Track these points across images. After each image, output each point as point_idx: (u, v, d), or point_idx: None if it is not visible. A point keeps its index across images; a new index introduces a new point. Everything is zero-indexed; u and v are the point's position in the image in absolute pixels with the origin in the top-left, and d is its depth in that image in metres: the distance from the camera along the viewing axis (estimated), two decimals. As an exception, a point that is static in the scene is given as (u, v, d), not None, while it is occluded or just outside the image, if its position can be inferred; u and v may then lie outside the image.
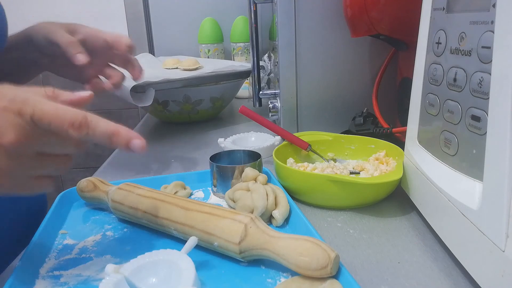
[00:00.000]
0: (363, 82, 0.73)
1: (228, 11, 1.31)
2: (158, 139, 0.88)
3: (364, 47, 0.71)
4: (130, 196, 0.48)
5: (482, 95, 0.33)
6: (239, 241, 0.38)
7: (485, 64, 0.32)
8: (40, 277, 0.39)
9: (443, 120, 0.39)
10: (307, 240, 0.36)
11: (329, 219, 0.49)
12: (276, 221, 0.46)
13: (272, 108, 0.75)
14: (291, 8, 0.68)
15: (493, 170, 0.31)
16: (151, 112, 0.97)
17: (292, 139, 0.62)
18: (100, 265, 0.41)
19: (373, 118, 0.67)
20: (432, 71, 0.42)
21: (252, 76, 0.78)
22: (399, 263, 0.40)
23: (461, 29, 0.36)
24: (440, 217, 0.40)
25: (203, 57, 1.25)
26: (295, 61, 0.70)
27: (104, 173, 0.69)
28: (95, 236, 0.47)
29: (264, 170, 0.58)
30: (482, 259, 0.32)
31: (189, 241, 0.39)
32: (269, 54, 0.99)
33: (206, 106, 0.92)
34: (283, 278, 0.38)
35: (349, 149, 0.63)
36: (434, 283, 0.36)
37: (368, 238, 0.44)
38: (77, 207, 0.54)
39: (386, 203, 0.52)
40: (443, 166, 0.40)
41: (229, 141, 0.72)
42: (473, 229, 0.33)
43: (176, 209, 0.44)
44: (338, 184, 0.48)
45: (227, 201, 0.51)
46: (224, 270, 0.39)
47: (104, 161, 0.76)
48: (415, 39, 0.45)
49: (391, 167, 0.54)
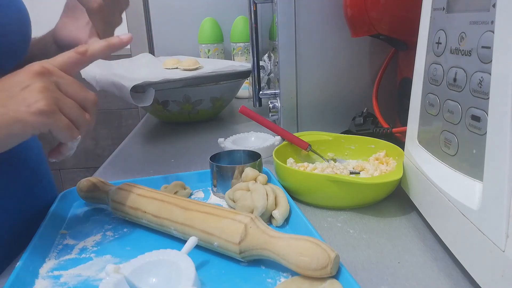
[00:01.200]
0: (363, 82, 0.73)
1: (228, 11, 1.31)
2: (158, 139, 0.88)
3: (364, 47, 0.71)
4: (130, 196, 0.48)
5: (482, 95, 0.33)
6: (239, 241, 0.38)
7: (485, 64, 0.32)
8: (40, 277, 0.39)
9: (443, 120, 0.39)
10: (307, 240, 0.36)
11: (329, 219, 0.49)
12: (276, 221, 0.46)
13: (272, 108, 0.75)
14: (291, 8, 0.68)
15: (493, 170, 0.31)
16: (151, 112, 0.97)
17: (292, 139, 0.62)
18: (100, 265, 0.41)
19: (373, 118, 0.67)
20: (432, 71, 0.42)
21: (252, 76, 0.78)
22: (399, 263, 0.40)
23: (461, 29, 0.36)
24: (440, 217, 0.40)
25: (203, 57, 1.25)
26: (295, 61, 0.70)
27: (104, 173, 0.69)
28: (95, 236, 0.46)
29: (264, 170, 0.58)
30: (482, 259, 0.32)
31: (189, 241, 0.39)
32: (269, 54, 0.99)
33: (206, 106, 0.92)
34: (283, 278, 0.38)
35: (349, 149, 0.63)
36: (434, 283, 0.36)
37: (368, 238, 0.44)
38: (77, 207, 0.54)
39: (386, 203, 0.52)
40: (443, 166, 0.40)
41: (229, 141, 0.72)
42: (473, 229, 0.33)
43: (176, 209, 0.44)
44: (338, 184, 0.48)
45: (227, 201, 0.51)
46: (224, 270, 0.39)
47: (104, 161, 0.76)
48: (415, 39, 0.45)
49: (391, 167, 0.54)
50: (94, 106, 0.43)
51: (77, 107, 0.41)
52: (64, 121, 0.39)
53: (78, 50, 0.42)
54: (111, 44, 0.44)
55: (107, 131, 1.57)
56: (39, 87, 0.37)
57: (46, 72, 0.39)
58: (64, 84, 0.40)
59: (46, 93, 0.37)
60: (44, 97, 0.37)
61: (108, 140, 1.58)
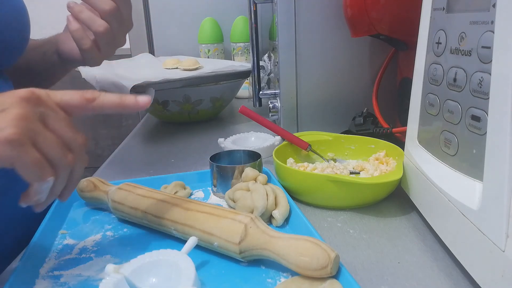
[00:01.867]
0: (363, 82, 0.73)
1: (228, 11, 1.31)
2: (158, 139, 0.88)
3: (364, 47, 0.71)
4: (130, 196, 0.48)
5: (482, 95, 0.33)
6: (239, 241, 0.38)
7: (485, 64, 0.32)
8: (40, 277, 0.39)
9: (443, 120, 0.39)
10: (307, 240, 0.36)
11: (329, 219, 0.49)
12: (276, 221, 0.46)
13: (272, 108, 0.75)
14: (291, 8, 0.68)
15: (493, 170, 0.31)
16: (151, 112, 0.97)
17: (292, 139, 0.62)
18: (100, 265, 0.41)
19: (373, 118, 0.67)
20: (432, 71, 0.42)
21: (252, 76, 0.78)
22: (399, 263, 0.40)
23: (461, 29, 0.36)
24: (440, 217, 0.40)
25: (203, 57, 1.25)
26: (295, 61, 0.70)
27: (104, 173, 0.69)
28: (95, 236, 0.47)
29: (264, 170, 0.58)
30: (482, 259, 0.32)
31: (189, 241, 0.39)
32: (269, 54, 0.99)
33: (206, 106, 0.92)
34: (283, 278, 0.38)
35: (349, 149, 0.63)
36: (434, 283, 0.36)
37: (368, 238, 0.44)
38: (77, 207, 0.54)
39: (386, 203, 0.52)
40: (443, 166, 0.40)
41: (229, 141, 0.72)
42: (473, 229, 0.33)
43: (176, 209, 0.44)
44: (338, 184, 0.48)
45: (227, 201, 0.51)
46: (224, 270, 0.39)
47: (104, 161, 0.76)
48: (415, 39, 0.45)
49: (391, 167, 0.54)
50: (81, 148, 0.36)
51: (58, 145, 0.34)
52: (33, 156, 0.32)
53: (85, 95, 0.36)
54: (123, 103, 0.38)
55: (107, 131, 1.57)
56: (16, 113, 0.32)
57: (34, 99, 0.34)
58: (51, 117, 0.34)
59: (20, 121, 0.32)
60: (15, 124, 0.31)
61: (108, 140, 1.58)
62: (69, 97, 0.36)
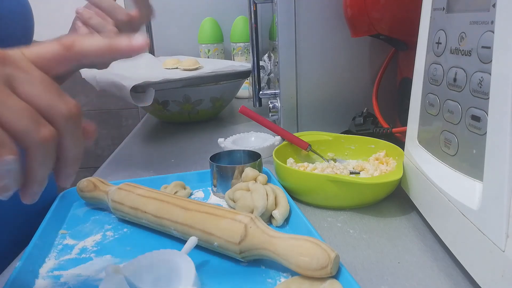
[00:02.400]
0: (363, 82, 0.73)
1: (228, 11, 1.31)
2: (158, 139, 0.88)
3: (364, 47, 0.71)
4: (130, 196, 0.48)
5: (482, 95, 0.33)
6: (239, 241, 0.38)
7: (485, 64, 0.32)
8: (40, 277, 0.39)
9: (443, 120, 0.39)
10: (307, 240, 0.36)
11: (329, 219, 0.49)
12: (276, 221, 0.46)
13: (272, 108, 0.75)
14: (291, 8, 0.68)
15: (493, 170, 0.31)
16: (151, 112, 0.97)
17: (292, 139, 0.62)
18: (100, 265, 0.41)
19: (373, 118, 0.67)
20: (432, 71, 0.42)
21: (252, 76, 0.78)
22: (399, 263, 0.40)
23: (461, 29, 0.36)
24: (440, 217, 0.40)
25: (203, 57, 1.25)
26: (295, 61, 0.70)
27: (104, 173, 0.69)
28: (95, 236, 0.46)
29: (264, 170, 0.58)
30: (482, 259, 0.32)
31: (189, 241, 0.39)
32: (269, 54, 0.99)
33: (206, 106, 0.92)
34: (283, 278, 0.37)
35: (349, 149, 0.63)
36: (434, 283, 0.36)
37: (368, 238, 0.44)
38: (77, 207, 0.54)
39: (386, 203, 0.52)
40: (443, 166, 0.40)
41: (229, 141, 0.72)
42: (473, 229, 0.33)
43: (176, 209, 0.44)
44: (338, 184, 0.48)
45: (227, 201, 0.51)
46: (224, 270, 0.39)
47: (104, 161, 0.76)
48: (415, 39, 0.45)
49: (391, 167, 0.54)
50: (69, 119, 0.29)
51: (29, 115, 0.27)
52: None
53: (62, 40, 0.30)
54: (113, 46, 0.31)
55: (107, 131, 1.57)
56: None
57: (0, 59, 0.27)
58: (22, 80, 0.28)
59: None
60: None
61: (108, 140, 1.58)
62: (45, 49, 0.30)
